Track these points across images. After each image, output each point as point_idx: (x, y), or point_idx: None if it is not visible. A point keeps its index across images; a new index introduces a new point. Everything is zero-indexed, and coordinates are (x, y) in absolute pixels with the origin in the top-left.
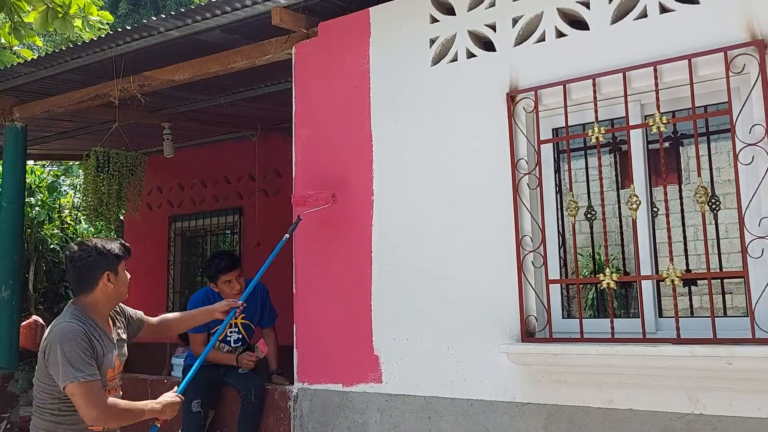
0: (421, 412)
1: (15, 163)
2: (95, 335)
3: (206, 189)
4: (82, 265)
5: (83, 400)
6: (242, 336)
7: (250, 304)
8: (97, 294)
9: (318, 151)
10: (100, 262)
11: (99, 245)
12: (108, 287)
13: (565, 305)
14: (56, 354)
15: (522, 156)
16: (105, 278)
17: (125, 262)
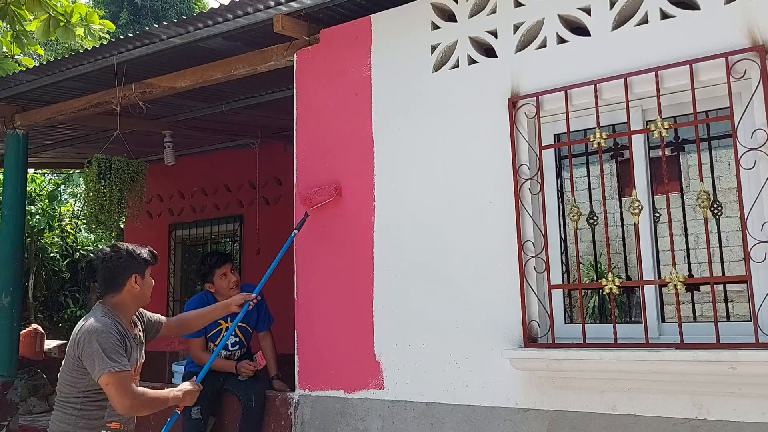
0: (423, 419)
1: (16, 171)
2: (123, 334)
3: (206, 197)
4: (114, 265)
5: (117, 389)
6: (239, 339)
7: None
8: (124, 295)
9: (319, 158)
10: (130, 265)
11: (130, 248)
12: (134, 289)
13: (567, 311)
14: (92, 345)
15: (524, 161)
16: (133, 280)
17: (151, 268)
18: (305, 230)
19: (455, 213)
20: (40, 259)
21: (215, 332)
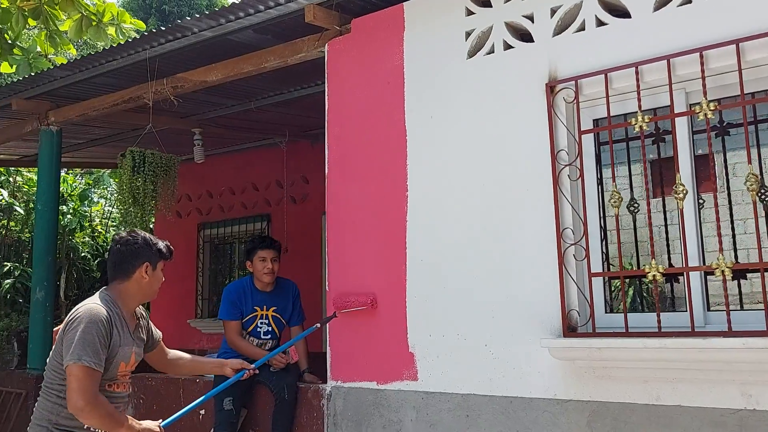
0: (458, 410)
1: (50, 167)
2: (117, 324)
3: (234, 196)
4: (127, 250)
5: (77, 384)
6: (272, 329)
7: (282, 299)
8: (131, 283)
9: (351, 147)
10: (143, 252)
11: (147, 236)
12: (143, 279)
13: (607, 301)
14: (76, 331)
15: (562, 147)
16: (143, 269)
17: (164, 263)
18: (336, 223)
19: (491, 202)
20: (71, 259)
21: (250, 318)
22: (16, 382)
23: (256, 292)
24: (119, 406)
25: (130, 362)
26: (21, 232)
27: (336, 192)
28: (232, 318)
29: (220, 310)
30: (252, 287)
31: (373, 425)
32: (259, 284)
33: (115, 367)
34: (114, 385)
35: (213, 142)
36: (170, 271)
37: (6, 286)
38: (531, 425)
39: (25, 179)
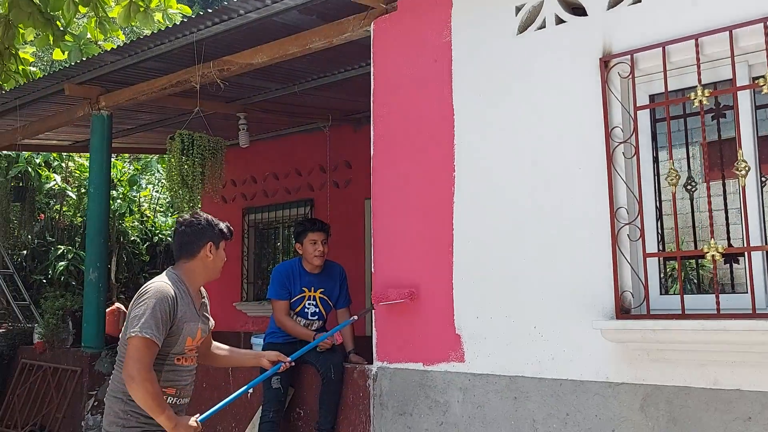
0: (507, 392)
1: (101, 151)
2: (183, 302)
3: (278, 181)
4: (191, 231)
5: (135, 354)
6: (319, 310)
7: (329, 282)
8: (196, 262)
9: (397, 128)
10: (207, 233)
11: (209, 218)
12: (208, 258)
13: (662, 282)
14: (145, 305)
15: (616, 124)
16: (207, 248)
17: (225, 243)
18: (382, 205)
19: (541, 181)
20: (121, 243)
21: (298, 298)
22: (71, 359)
23: (304, 273)
24: (187, 378)
25: (196, 337)
26: (73, 217)
27: (381, 173)
28: (281, 298)
29: (269, 290)
30: (300, 269)
31: (419, 406)
32: (307, 266)
33: (182, 342)
34: (182, 359)
35: (257, 127)
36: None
37: (60, 268)
38: (581, 408)
39: (77, 165)
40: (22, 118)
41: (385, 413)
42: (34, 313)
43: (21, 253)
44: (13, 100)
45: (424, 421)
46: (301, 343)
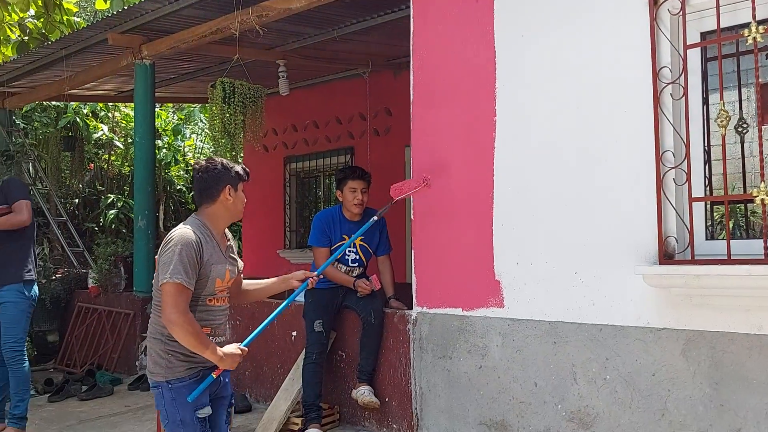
0: (546, 337)
1: (145, 100)
2: (208, 245)
3: (319, 130)
4: (209, 176)
5: (170, 300)
6: (359, 257)
7: (369, 230)
8: (217, 206)
9: (437, 72)
10: (224, 176)
11: (224, 162)
12: (228, 201)
13: (707, 227)
14: (172, 252)
15: (665, 64)
16: (226, 192)
17: (243, 185)
18: (423, 147)
19: (585, 124)
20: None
21: (339, 246)
22: (124, 303)
23: (344, 221)
24: (220, 317)
25: (225, 278)
26: (121, 166)
27: (421, 119)
28: (321, 245)
29: (310, 237)
30: (341, 216)
31: (459, 350)
32: (347, 214)
33: (212, 283)
34: (213, 300)
35: (297, 75)
36: (259, 203)
37: (110, 216)
38: (621, 353)
39: (123, 115)
40: (68, 68)
41: (425, 356)
42: (88, 259)
43: (73, 202)
44: (59, 51)
45: (463, 365)
46: (342, 289)
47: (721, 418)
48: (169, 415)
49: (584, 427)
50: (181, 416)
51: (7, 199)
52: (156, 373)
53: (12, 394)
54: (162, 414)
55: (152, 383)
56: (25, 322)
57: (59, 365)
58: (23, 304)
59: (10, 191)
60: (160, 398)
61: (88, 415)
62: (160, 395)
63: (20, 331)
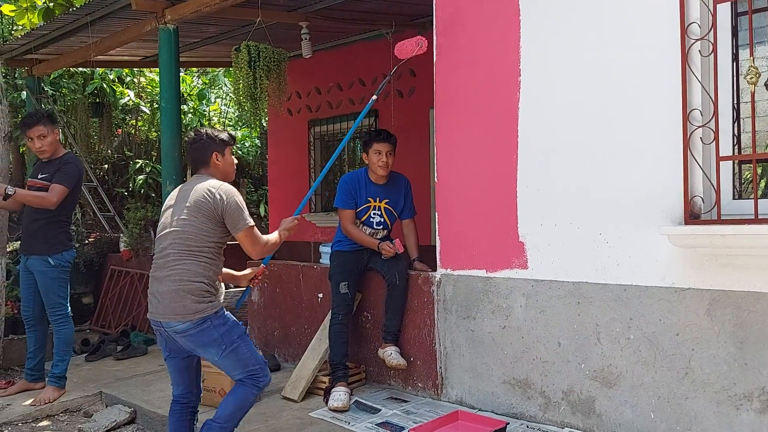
0: (569, 297)
1: (169, 65)
2: None
3: (342, 92)
4: (197, 146)
5: (252, 240)
6: (384, 220)
7: (394, 192)
8: (211, 169)
9: (460, 31)
10: (210, 145)
11: (209, 132)
12: (218, 164)
13: (735, 187)
14: (234, 203)
15: (694, 20)
16: (214, 157)
17: (230, 149)
18: (446, 109)
19: (611, 82)
20: None
21: (364, 208)
22: None
23: (370, 184)
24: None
25: None
26: (148, 131)
27: (444, 80)
28: (347, 207)
29: (335, 199)
30: (366, 179)
31: (482, 311)
32: (373, 176)
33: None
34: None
35: (320, 36)
36: (284, 167)
37: (139, 181)
38: (645, 313)
39: (148, 80)
40: (93, 34)
41: (449, 317)
42: (119, 223)
43: (102, 167)
44: (84, 17)
45: (487, 325)
46: (367, 252)
47: (745, 377)
48: (225, 340)
49: (607, 386)
50: (236, 334)
51: (54, 175)
52: (201, 311)
53: (54, 353)
54: (213, 349)
55: (196, 322)
56: (57, 288)
57: (94, 326)
58: (51, 272)
59: (61, 170)
60: (210, 331)
61: (123, 373)
62: (210, 328)
63: (56, 297)
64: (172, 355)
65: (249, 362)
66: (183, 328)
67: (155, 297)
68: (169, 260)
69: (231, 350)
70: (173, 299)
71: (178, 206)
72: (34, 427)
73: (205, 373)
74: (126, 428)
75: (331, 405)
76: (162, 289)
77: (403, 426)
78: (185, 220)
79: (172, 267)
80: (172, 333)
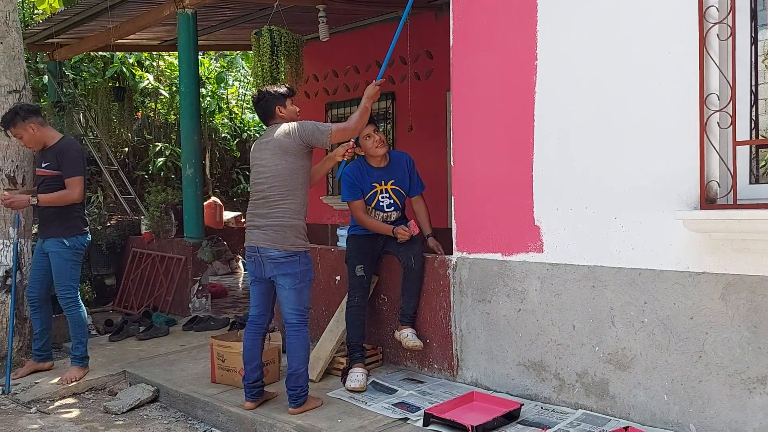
0: (584, 281)
1: (188, 49)
2: None
3: (359, 75)
4: (263, 103)
5: (342, 134)
6: (393, 201)
7: (398, 172)
8: (277, 120)
9: (477, 15)
10: (272, 100)
11: (269, 89)
12: (282, 115)
13: (752, 171)
14: (306, 127)
15: (712, 3)
16: (278, 110)
17: (290, 100)
18: (463, 93)
19: (627, 66)
20: (213, 139)
21: (371, 194)
22: (176, 248)
23: (371, 169)
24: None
25: None
26: (167, 114)
27: (461, 63)
28: (355, 198)
29: (342, 194)
30: (367, 166)
31: (498, 294)
32: (373, 161)
33: None
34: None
35: (337, 19)
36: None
37: (159, 164)
38: (660, 297)
39: (167, 63)
40: (113, 19)
41: (465, 300)
42: (140, 206)
43: (123, 150)
44: (104, 1)
45: (502, 308)
46: (382, 235)
47: (759, 361)
48: (301, 277)
49: (621, 369)
50: (309, 276)
51: (60, 167)
52: (299, 245)
53: (71, 336)
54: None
55: (289, 253)
56: (70, 270)
57: (117, 307)
58: (65, 254)
59: (64, 160)
60: (296, 264)
61: (146, 353)
62: (297, 261)
63: (67, 279)
64: (256, 280)
65: (305, 303)
66: (277, 255)
67: (257, 228)
68: (270, 201)
69: (301, 287)
70: (276, 231)
71: (266, 153)
72: (61, 404)
73: (225, 353)
74: (149, 406)
75: (349, 385)
76: (266, 223)
77: (419, 406)
78: (278, 165)
79: (274, 206)
80: (265, 257)
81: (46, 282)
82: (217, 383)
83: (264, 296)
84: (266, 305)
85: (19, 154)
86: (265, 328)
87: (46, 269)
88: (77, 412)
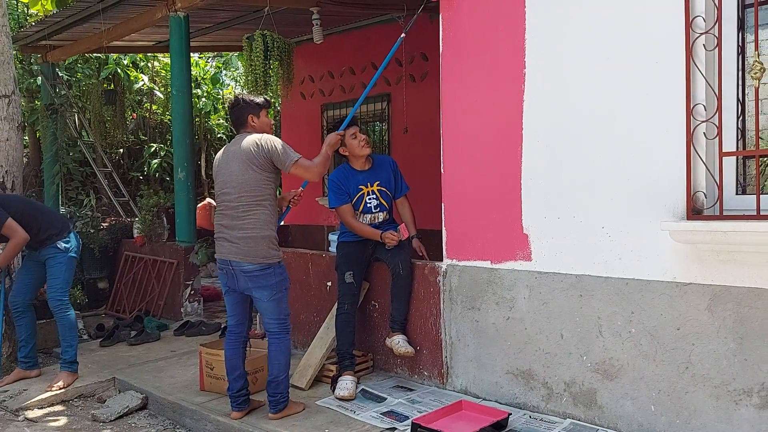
0: (572, 290)
1: (180, 53)
2: None
3: (355, 76)
4: (236, 110)
5: (304, 169)
6: (380, 202)
7: (382, 173)
8: (249, 129)
9: (465, 20)
10: (246, 109)
11: (245, 97)
12: (254, 125)
13: (739, 182)
14: (276, 145)
15: (698, 13)
16: (250, 119)
17: (265, 111)
18: (452, 100)
19: (615, 76)
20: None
21: (358, 198)
22: (168, 252)
23: (356, 173)
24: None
25: None
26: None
27: (451, 71)
28: (342, 203)
29: (329, 200)
30: (351, 170)
31: (487, 301)
32: (357, 164)
33: None
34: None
35: (331, 21)
36: (298, 150)
37: (154, 165)
38: (646, 307)
39: (162, 64)
40: (106, 21)
41: (455, 307)
42: (134, 208)
43: (118, 152)
44: (96, 4)
45: (491, 316)
46: (371, 242)
47: (745, 372)
48: (278, 287)
49: (608, 378)
50: (285, 286)
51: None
52: (272, 256)
53: (61, 340)
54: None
55: (263, 266)
56: (65, 273)
57: (109, 311)
58: (60, 257)
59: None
60: (271, 276)
61: (136, 359)
62: (272, 273)
63: (61, 283)
64: (230, 291)
65: (284, 312)
66: (251, 268)
67: (228, 241)
68: (239, 211)
69: (279, 297)
70: (248, 243)
71: (233, 163)
72: (50, 412)
73: (214, 361)
74: (138, 414)
75: (338, 394)
76: (236, 235)
77: (408, 415)
78: (245, 174)
79: (243, 217)
80: (238, 271)
81: (33, 289)
82: (205, 391)
83: (240, 305)
84: (243, 314)
85: (8, 159)
86: (245, 336)
87: (35, 276)
88: (65, 420)
